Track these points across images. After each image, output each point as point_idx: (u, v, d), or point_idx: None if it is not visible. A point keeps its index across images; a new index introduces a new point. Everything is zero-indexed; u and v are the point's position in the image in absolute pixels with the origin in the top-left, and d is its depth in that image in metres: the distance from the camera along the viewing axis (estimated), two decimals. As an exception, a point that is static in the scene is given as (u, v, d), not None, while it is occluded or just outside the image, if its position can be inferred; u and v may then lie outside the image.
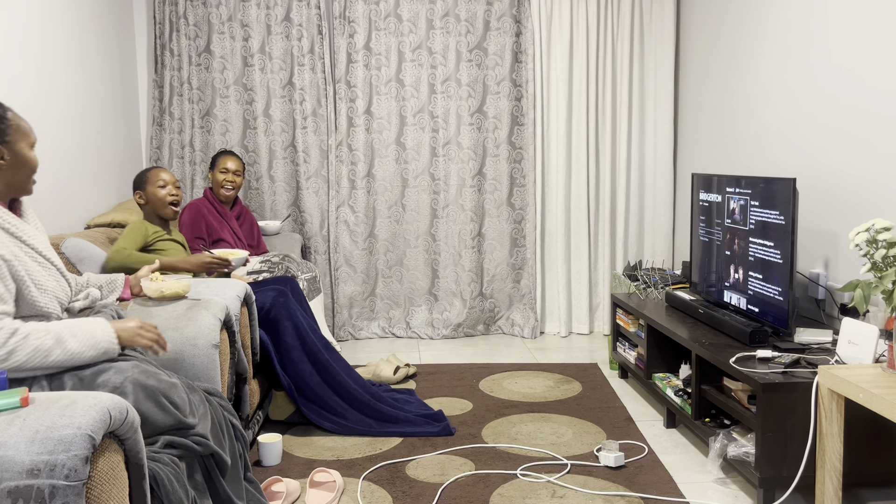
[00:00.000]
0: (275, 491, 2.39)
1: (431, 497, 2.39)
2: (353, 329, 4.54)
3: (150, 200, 3.09)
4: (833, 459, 2.07)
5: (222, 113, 4.38)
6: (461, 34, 4.40)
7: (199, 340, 2.22)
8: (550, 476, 2.54)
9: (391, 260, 4.55)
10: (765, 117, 3.43)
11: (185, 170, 4.37)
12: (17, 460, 1.27)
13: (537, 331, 4.55)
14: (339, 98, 4.41)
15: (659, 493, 2.41)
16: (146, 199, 3.10)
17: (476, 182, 4.50)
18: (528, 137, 4.46)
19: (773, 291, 2.69)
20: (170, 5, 4.30)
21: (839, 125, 2.88)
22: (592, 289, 4.64)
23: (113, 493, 1.39)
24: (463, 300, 4.53)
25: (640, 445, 2.82)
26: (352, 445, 2.83)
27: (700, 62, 4.16)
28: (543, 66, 4.45)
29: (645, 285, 3.77)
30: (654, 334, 3.22)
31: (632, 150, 4.55)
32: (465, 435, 2.93)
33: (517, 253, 4.56)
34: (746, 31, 3.59)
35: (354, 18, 4.36)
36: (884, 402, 1.82)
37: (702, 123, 4.15)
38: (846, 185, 2.84)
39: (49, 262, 1.91)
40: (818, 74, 3.01)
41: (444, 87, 4.43)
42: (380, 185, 4.48)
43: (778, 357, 2.44)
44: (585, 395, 3.38)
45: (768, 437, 2.25)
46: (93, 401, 1.38)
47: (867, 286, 2.02)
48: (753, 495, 2.41)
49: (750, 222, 2.86)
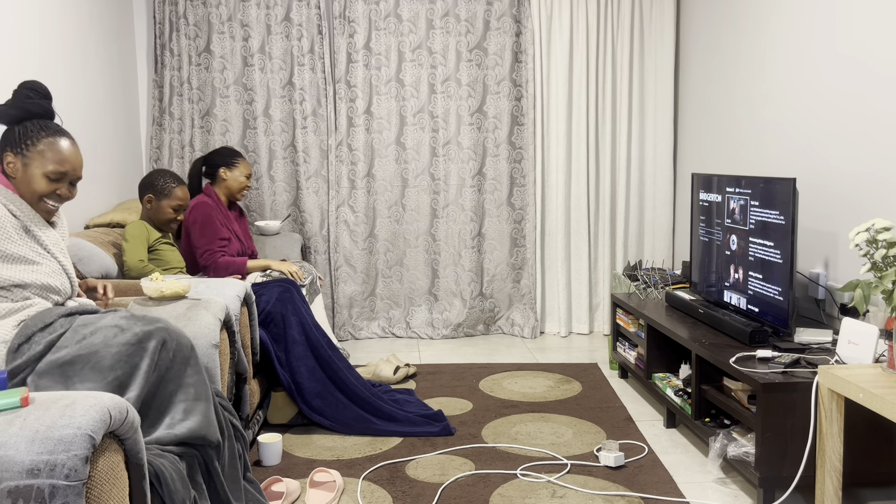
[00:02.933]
0: (275, 491, 2.39)
1: (431, 497, 2.39)
2: (353, 329, 4.54)
3: (157, 211, 3.12)
4: (833, 459, 2.07)
5: (222, 113, 4.39)
6: (461, 34, 4.40)
7: (199, 340, 2.22)
8: (550, 476, 2.54)
9: (391, 260, 4.55)
10: (765, 117, 3.43)
11: (184, 170, 4.37)
12: (17, 460, 1.27)
13: (537, 331, 4.56)
14: (339, 98, 4.42)
15: (659, 493, 2.41)
16: (153, 208, 3.11)
17: (476, 182, 4.50)
18: (528, 137, 4.46)
19: (773, 291, 2.69)
20: (170, 5, 4.30)
21: (839, 124, 2.88)
22: (592, 289, 4.64)
23: (113, 493, 1.39)
24: (463, 300, 4.53)
25: (640, 445, 2.82)
26: (352, 445, 2.83)
27: (700, 62, 4.16)
28: (543, 66, 4.45)
29: (645, 285, 3.77)
30: (654, 334, 3.22)
31: (632, 150, 4.55)
32: (465, 435, 2.93)
33: (517, 253, 4.56)
34: (746, 31, 3.59)
35: (354, 18, 4.36)
36: (884, 402, 1.82)
37: (702, 123, 4.15)
38: (846, 185, 2.84)
39: (49, 254, 1.98)
40: (818, 74, 3.01)
41: (444, 87, 4.43)
42: (380, 185, 4.48)
43: (778, 357, 2.44)
44: (585, 395, 3.38)
45: (768, 437, 2.25)
46: (93, 401, 1.38)
47: (867, 286, 2.02)
48: (753, 495, 2.42)
49: (750, 222, 2.86)
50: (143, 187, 3.15)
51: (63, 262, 2.02)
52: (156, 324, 1.87)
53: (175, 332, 1.89)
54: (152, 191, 3.11)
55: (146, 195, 3.13)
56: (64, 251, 2.04)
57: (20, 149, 1.95)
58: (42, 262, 1.95)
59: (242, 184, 3.51)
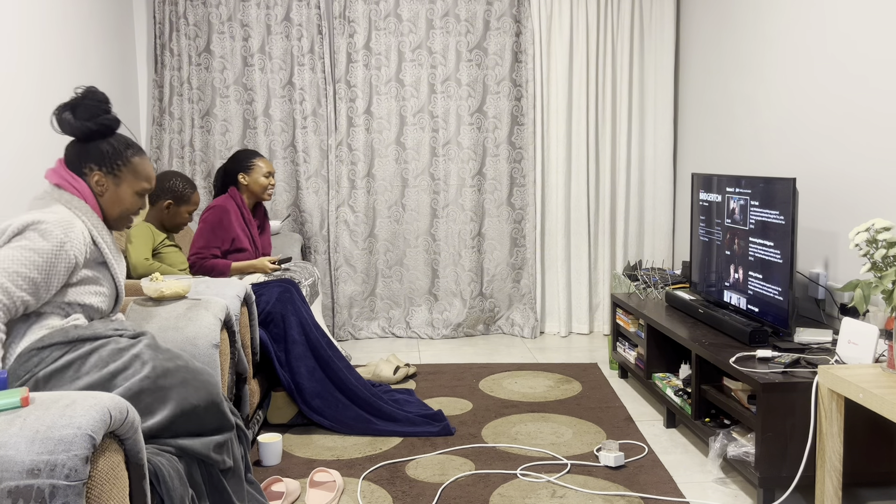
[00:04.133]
0: (275, 491, 2.39)
1: (431, 497, 2.39)
2: (353, 329, 4.54)
3: (175, 216, 3.11)
4: (833, 459, 2.07)
5: (222, 113, 4.39)
6: (461, 34, 4.40)
7: (200, 340, 2.22)
8: (550, 476, 2.54)
9: (391, 260, 4.55)
10: (765, 117, 3.43)
11: (184, 170, 4.37)
12: (18, 460, 1.27)
13: (537, 331, 4.56)
14: (339, 98, 4.42)
15: (659, 493, 2.41)
16: (171, 213, 3.10)
17: (476, 182, 4.50)
18: (528, 137, 4.46)
19: (773, 291, 2.69)
20: (170, 5, 4.30)
21: (839, 125, 2.88)
22: (592, 289, 4.64)
23: (113, 493, 1.39)
24: (463, 300, 4.53)
25: (640, 445, 2.82)
26: (352, 445, 2.83)
27: (700, 62, 4.16)
28: (543, 66, 4.45)
29: (645, 285, 3.77)
30: (653, 334, 3.22)
31: (632, 150, 4.55)
32: (465, 435, 2.93)
33: (517, 253, 4.56)
34: (746, 31, 3.59)
35: (354, 18, 4.36)
36: (884, 402, 1.82)
37: (702, 123, 4.15)
38: (846, 185, 2.84)
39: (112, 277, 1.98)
40: (818, 74, 3.01)
41: (444, 87, 4.43)
42: (380, 185, 4.48)
43: (778, 357, 2.44)
44: (585, 395, 3.38)
45: (768, 436, 2.25)
46: (93, 401, 1.38)
47: (867, 286, 2.02)
48: (753, 495, 2.42)
49: (750, 222, 2.86)
50: (159, 192, 3.09)
51: (120, 286, 2.01)
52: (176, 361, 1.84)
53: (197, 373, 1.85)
54: (172, 196, 3.08)
55: (165, 201, 3.09)
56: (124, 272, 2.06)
57: (112, 168, 1.96)
58: (105, 283, 1.95)
59: (264, 184, 3.39)
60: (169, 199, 3.08)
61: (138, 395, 1.75)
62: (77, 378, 1.76)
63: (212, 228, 3.26)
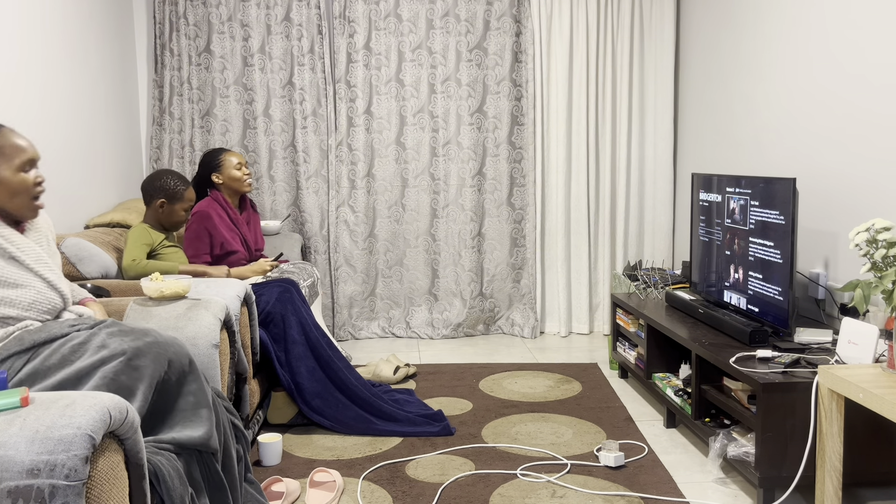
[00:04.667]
0: (275, 491, 2.39)
1: (431, 497, 2.39)
2: (353, 329, 4.54)
3: (170, 215, 3.10)
4: (833, 459, 2.07)
5: (222, 113, 4.39)
6: (461, 34, 4.40)
7: (200, 340, 2.22)
8: (550, 476, 2.54)
9: (391, 260, 4.55)
10: (765, 117, 3.43)
11: (184, 170, 4.37)
12: (17, 460, 1.27)
13: (537, 331, 4.56)
14: (339, 98, 4.42)
15: (659, 493, 2.41)
16: (166, 212, 3.10)
17: (476, 182, 4.50)
18: (528, 137, 4.46)
19: (773, 291, 2.69)
20: (170, 5, 4.30)
21: (839, 125, 2.88)
22: (592, 289, 4.64)
23: (113, 493, 1.39)
24: (463, 300, 4.53)
25: (640, 445, 2.82)
26: (352, 445, 2.83)
27: (700, 62, 4.16)
28: (543, 66, 4.45)
29: (645, 285, 3.77)
30: (654, 334, 3.22)
31: (632, 150, 4.55)
32: (465, 435, 2.93)
33: (517, 253, 4.56)
34: (746, 31, 3.59)
35: (354, 18, 4.36)
36: (884, 402, 1.82)
37: (702, 123, 4.15)
38: (846, 185, 2.84)
39: (34, 275, 1.90)
40: (818, 74, 3.01)
41: (444, 87, 4.43)
42: (380, 185, 4.48)
43: (778, 357, 2.44)
44: (585, 395, 3.38)
45: (768, 436, 2.25)
46: (93, 401, 1.38)
47: (867, 286, 2.02)
48: (753, 495, 2.41)
49: (750, 222, 2.86)
50: (152, 191, 3.08)
51: (47, 276, 1.91)
52: (144, 338, 1.79)
53: (167, 346, 1.81)
54: (164, 195, 3.08)
55: (158, 200, 3.09)
56: (47, 263, 1.93)
57: None
58: (25, 283, 1.86)
59: (238, 176, 3.34)
60: (162, 198, 3.08)
61: (115, 380, 1.71)
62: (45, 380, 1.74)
63: (196, 236, 3.24)
